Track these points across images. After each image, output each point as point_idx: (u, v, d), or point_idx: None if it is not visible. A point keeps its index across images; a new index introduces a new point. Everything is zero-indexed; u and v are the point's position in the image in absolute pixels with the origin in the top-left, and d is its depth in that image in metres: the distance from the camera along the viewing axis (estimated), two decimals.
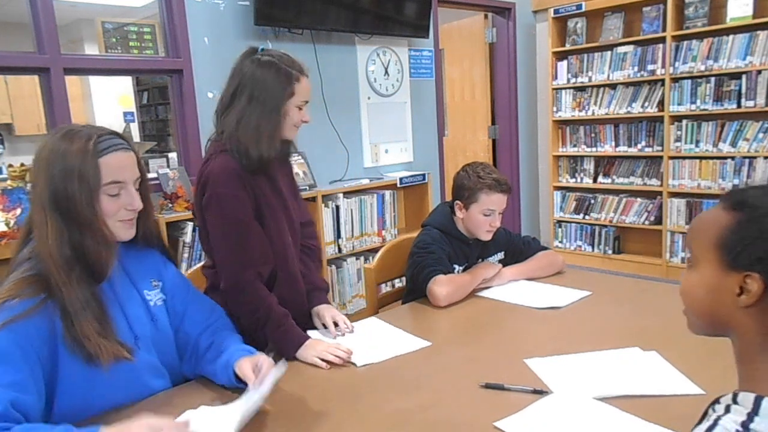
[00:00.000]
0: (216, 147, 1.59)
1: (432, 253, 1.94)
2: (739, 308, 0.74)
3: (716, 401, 0.76)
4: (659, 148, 4.44)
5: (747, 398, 0.71)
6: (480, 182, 1.96)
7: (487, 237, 2.03)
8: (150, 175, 3.08)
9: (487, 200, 1.96)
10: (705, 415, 0.76)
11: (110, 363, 1.18)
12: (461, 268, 2.05)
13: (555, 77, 4.94)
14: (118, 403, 1.25)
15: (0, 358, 1.07)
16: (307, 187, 3.34)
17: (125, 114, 6.78)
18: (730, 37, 4.01)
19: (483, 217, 1.98)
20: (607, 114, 4.68)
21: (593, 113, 4.76)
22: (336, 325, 1.65)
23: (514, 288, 1.99)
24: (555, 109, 4.98)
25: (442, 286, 1.85)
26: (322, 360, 1.46)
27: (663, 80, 4.33)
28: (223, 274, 1.57)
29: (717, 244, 0.76)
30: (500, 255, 2.17)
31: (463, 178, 2.01)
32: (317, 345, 1.51)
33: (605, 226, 4.84)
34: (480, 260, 2.11)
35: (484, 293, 1.94)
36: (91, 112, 6.75)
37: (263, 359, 1.31)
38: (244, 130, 1.53)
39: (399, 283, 2.37)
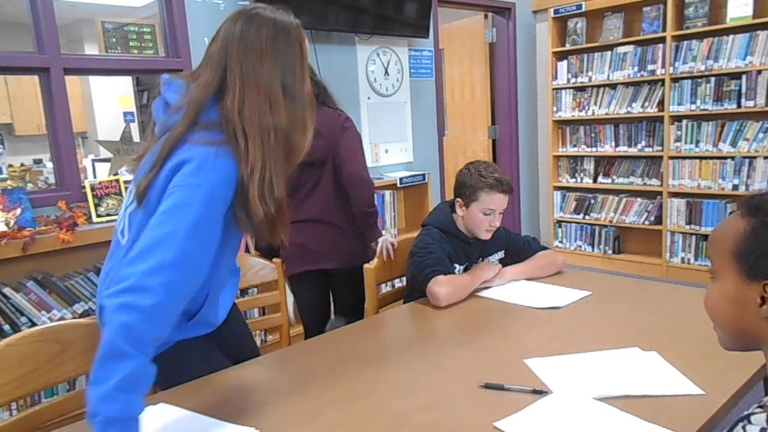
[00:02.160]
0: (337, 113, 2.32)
1: (432, 253, 1.94)
2: (764, 319, 0.70)
3: (746, 419, 0.70)
4: (659, 148, 4.44)
5: None
6: (481, 181, 1.96)
7: (486, 236, 2.03)
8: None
9: (488, 199, 1.96)
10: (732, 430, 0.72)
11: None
12: (462, 267, 2.05)
13: (555, 77, 4.94)
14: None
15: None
16: None
17: (125, 114, 6.78)
18: (730, 37, 4.01)
19: (483, 216, 1.98)
20: (607, 114, 4.69)
21: (593, 113, 4.76)
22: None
23: (514, 288, 1.99)
24: (555, 109, 4.98)
25: (442, 286, 1.85)
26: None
27: (663, 80, 4.33)
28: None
29: (734, 253, 0.73)
30: (500, 254, 2.17)
31: (465, 176, 2.02)
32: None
33: (605, 226, 4.84)
34: (480, 259, 2.11)
35: (484, 293, 1.94)
36: (91, 112, 6.76)
37: None
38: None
39: (399, 283, 2.37)
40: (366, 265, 2.13)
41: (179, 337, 1.38)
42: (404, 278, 2.15)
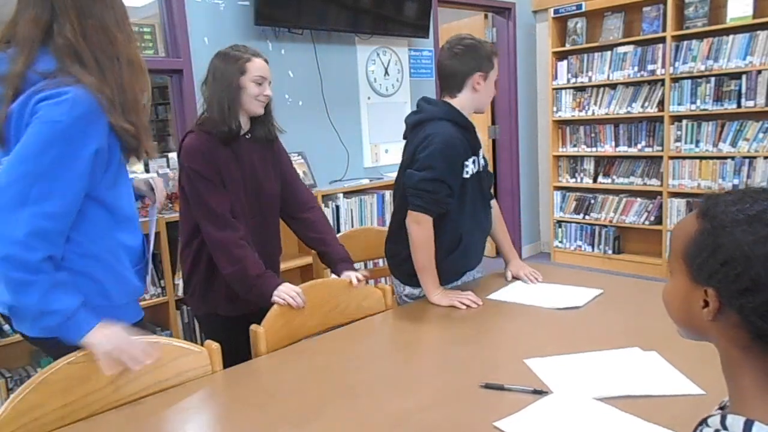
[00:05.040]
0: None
1: (440, 182, 1.84)
2: (708, 321, 0.72)
3: (704, 422, 0.72)
4: (659, 148, 4.44)
5: (736, 423, 0.67)
6: (488, 48, 1.92)
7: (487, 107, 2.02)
8: (150, 175, 3.09)
9: (496, 64, 1.95)
10: None
11: None
12: (469, 161, 1.94)
13: (555, 77, 4.94)
14: None
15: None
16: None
17: None
18: (730, 37, 4.01)
19: (493, 86, 1.97)
20: (607, 114, 4.69)
21: (593, 113, 4.76)
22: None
23: (527, 290, 1.97)
24: (555, 109, 4.98)
25: (423, 233, 1.85)
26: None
27: (663, 80, 4.33)
28: None
29: (683, 254, 0.74)
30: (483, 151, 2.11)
31: (475, 49, 1.89)
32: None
33: (605, 226, 4.84)
34: (475, 156, 2.00)
35: (494, 296, 1.91)
36: None
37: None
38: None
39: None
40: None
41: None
42: (361, 264, 2.13)
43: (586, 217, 4.92)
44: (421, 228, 1.86)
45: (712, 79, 4.11)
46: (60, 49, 1.24)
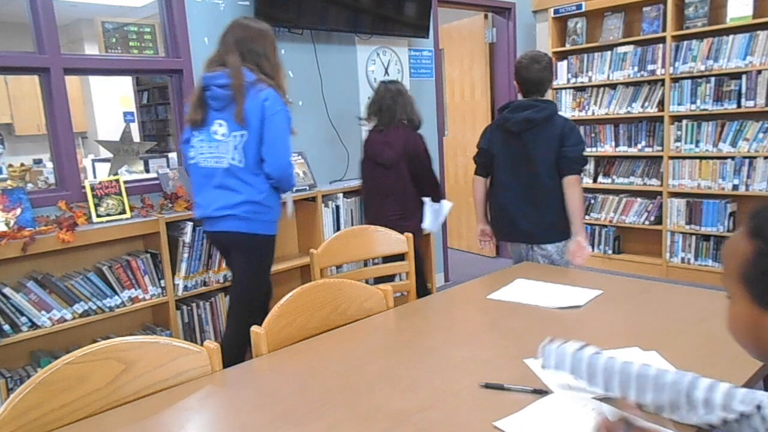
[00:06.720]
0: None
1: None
2: None
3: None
4: (659, 148, 4.44)
5: None
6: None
7: None
8: (150, 176, 3.09)
9: None
10: None
11: None
12: None
13: (555, 77, 4.94)
14: None
15: None
16: (307, 187, 3.34)
17: (125, 114, 6.79)
18: (730, 37, 4.01)
19: None
20: (607, 114, 4.69)
21: (593, 113, 4.76)
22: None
23: (528, 289, 1.97)
24: None
25: (581, 188, 2.56)
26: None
27: (663, 80, 4.33)
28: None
29: (741, 277, 0.69)
30: None
31: (551, 62, 2.81)
32: None
33: (605, 226, 4.84)
34: None
35: (495, 296, 1.93)
36: (91, 112, 6.76)
37: None
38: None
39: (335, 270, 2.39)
40: (312, 250, 2.29)
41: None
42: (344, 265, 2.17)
43: (586, 217, 4.92)
44: (581, 185, 2.55)
45: (712, 79, 4.11)
46: (255, 72, 2.27)
